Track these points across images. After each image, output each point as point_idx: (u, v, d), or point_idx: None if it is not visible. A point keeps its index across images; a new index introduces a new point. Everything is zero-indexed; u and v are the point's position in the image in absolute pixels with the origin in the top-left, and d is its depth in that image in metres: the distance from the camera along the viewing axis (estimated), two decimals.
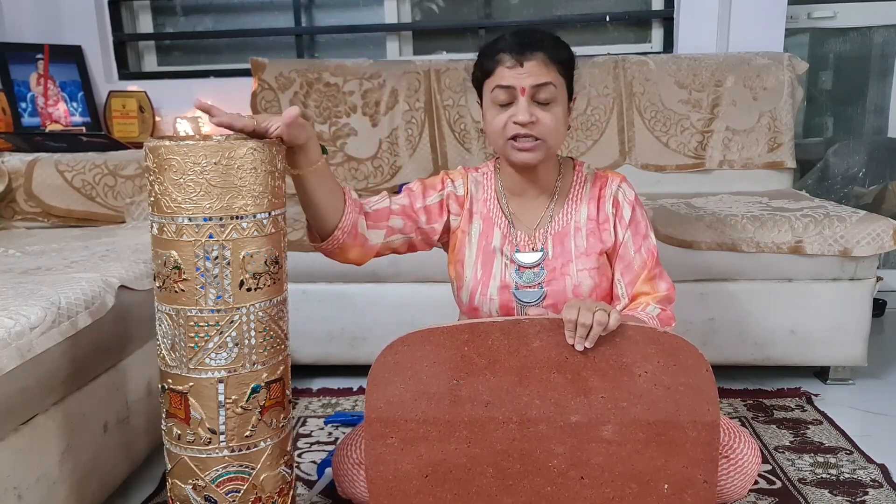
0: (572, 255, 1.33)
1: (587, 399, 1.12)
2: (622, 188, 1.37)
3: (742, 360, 2.11)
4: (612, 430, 1.12)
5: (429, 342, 1.15)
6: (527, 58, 1.24)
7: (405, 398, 1.14)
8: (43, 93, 2.83)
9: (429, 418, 1.14)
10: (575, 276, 1.32)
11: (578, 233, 1.35)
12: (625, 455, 1.12)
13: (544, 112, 1.26)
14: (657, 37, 2.98)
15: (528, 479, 1.12)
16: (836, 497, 1.53)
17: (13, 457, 1.16)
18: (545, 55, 1.25)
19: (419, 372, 1.14)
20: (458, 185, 1.40)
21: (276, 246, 1.07)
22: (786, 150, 2.57)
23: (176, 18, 3.19)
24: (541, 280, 1.33)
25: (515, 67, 1.25)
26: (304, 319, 2.05)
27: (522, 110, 1.24)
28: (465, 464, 1.14)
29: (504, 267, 1.35)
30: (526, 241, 1.36)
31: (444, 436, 1.14)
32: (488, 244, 1.37)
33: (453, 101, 2.63)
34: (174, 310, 1.04)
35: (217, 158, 0.99)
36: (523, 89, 1.24)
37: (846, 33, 3.05)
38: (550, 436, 1.13)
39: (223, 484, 1.07)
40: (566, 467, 1.13)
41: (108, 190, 2.22)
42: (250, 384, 1.06)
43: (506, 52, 1.26)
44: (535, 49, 1.25)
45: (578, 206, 1.37)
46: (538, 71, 1.24)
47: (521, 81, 1.24)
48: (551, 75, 1.25)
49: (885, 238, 1.99)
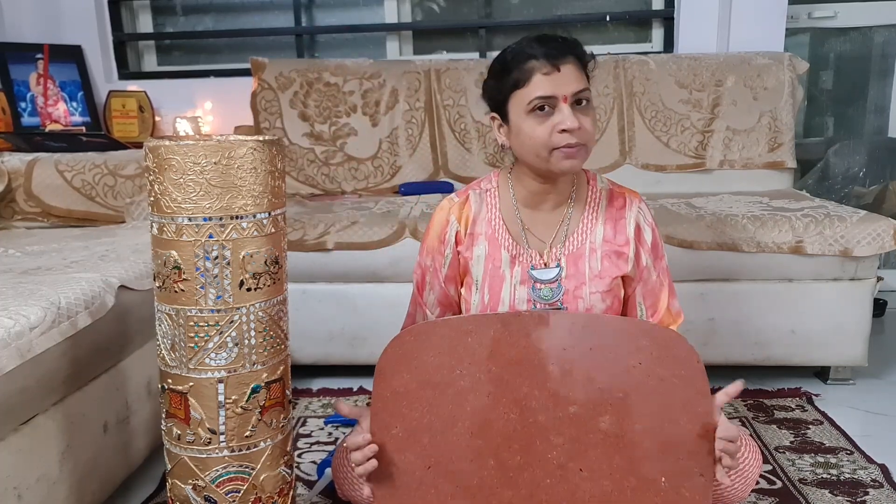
0: (586, 277, 1.30)
1: (584, 390, 1.14)
2: (641, 210, 1.34)
3: (742, 360, 2.11)
4: (610, 421, 1.13)
5: (434, 334, 1.19)
6: (562, 62, 1.20)
7: (410, 388, 1.16)
8: (43, 93, 2.83)
9: (433, 408, 1.15)
10: (587, 299, 1.29)
11: (593, 255, 1.31)
12: (622, 446, 1.13)
13: (585, 116, 1.22)
14: (657, 37, 2.98)
15: (528, 472, 1.12)
16: (836, 497, 1.53)
17: (13, 457, 1.16)
18: (576, 59, 1.23)
19: (424, 362, 1.17)
20: (453, 222, 1.35)
21: (276, 246, 1.07)
22: (786, 150, 2.57)
23: (176, 18, 3.19)
24: (559, 297, 1.30)
25: (552, 74, 1.20)
26: (304, 319, 2.05)
27: (569, 118, 1.19)
28: (467, 455, 1.14)
29: (513, 291, 1.31)
30: (538, 259, 1.32)
31: (447, 426, 1.15)
32: (496, 267, 1.33)
33: (453, 101, 2.63)
34: (174, 310, 1.03)
35: (217, 158, 0.99)
36: (565, 97, 1.20)
37: (846, 33, 3.05)
38: (549, 427, 1.14)
39: (223, 484, 1.07)
40: (565, 459, 1.13)
41: (107, 190, 2.22)
42: (250, 384, 1.06)
43: (538, 59, 1.21)
44: (568, 53, 1.22)
45: (594, 225, 1.33)
46: (576, 75, 1.21)
47: (562, 88, 1.20)
48: (584, 80, 1.23)
49: (885, 238, 1.99)
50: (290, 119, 2.63)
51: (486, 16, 3.01)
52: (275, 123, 2.63)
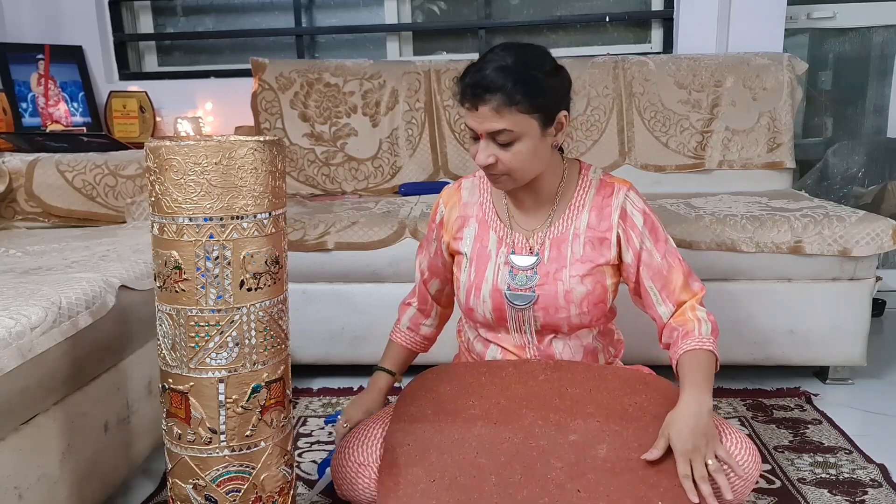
0: (567, 260, 1.33)
1: (584, 422, 1.24)
2: (629, 197, 1.35)
3: (741, 360, 2.11)
4: (607, 450, 1.20)
5: (453, 371, 1.38)
6: (480, 102, 1.22)
7: (426, 413, 1.30)
8: (44, 93, 2.83)
9: (443, 430, 1.25)
10: (567, 282, 1.32)
11: (576, 240, 1.35)
12: (619, 471, 1.16)
13: (504, 152, 1.25)
14: (657, 37, 2.98)
15: (527, 489, 1.15)
16: (835, 497, 1.53)
17: (14, 457, 1.16)
18: (502, 98, 1.21)
19: (441, 394, 1.32)
20: (441, 208, 1.46)
21: (277, 246, 1.08)
22: (785, 151, 2.58)
23: (176, 19, 3.19)
24: (532, 284, 1.33)
25: (471, 112, 1.24)
26: (304, 319, 2.06)
27: (481, 152, 1.26)
28: (470, 472, 1.18)
29: (497, 269, 1.35)
30: (523, 243, 1.36)
31: (455, 446, 1.22)
32: (483, 246, 1.37)
33: (453, 102, 2.62)
34: (175, 310, 1.04)
35: (218, 158, 0.99)
36: (482, 133, 1.25)
37: (846, 33, 3.05)
38: (551, 451, 1.20)
39: (223, 483, 1.07)
40: (564, 480, 1.16)
41: (108, 190, 2.22)
42: (251, 384, 1.06)
43: (465, 93, 1.25)
44: (490, 92, 1.21)
45: (580, 213, 1.36)
46: (492, 116, 1.22)
47: (479, 126, 1.24)
48: (506, 120, 1.22)
49: (884, 238, 2.00)
50: (291, 119, 2.63)
51: (486, 16, 3.01)
52: (275, 124, 2.63)
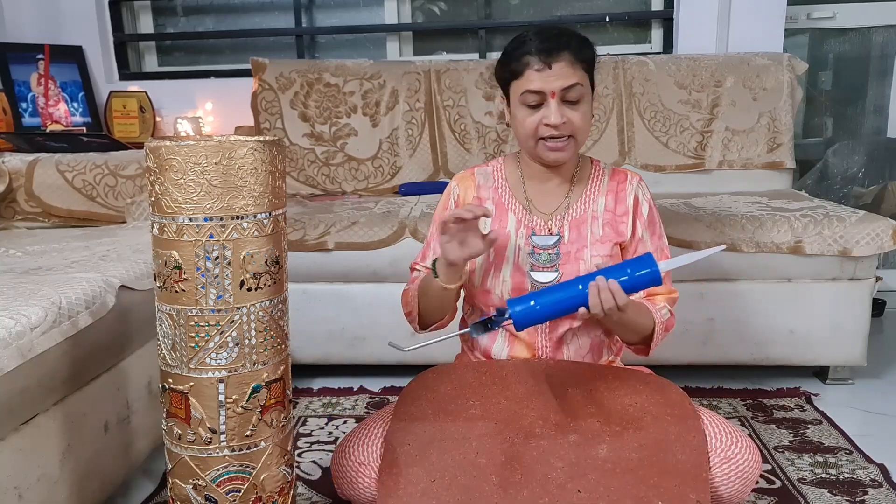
0: (588, 241, 1.37)
1: (585, 422, 1.24)
2: (641, 187, 1.41)
3: (742, 360, 2.11)
4: (607, 450, 1.19)
5: (454, 371, 1.37)
6: (554, 59, 1.26)
7: (427, 413, 1.28)
8: (44, 93, 2.83)
9: (444, 430, 1.24)
10: (588, 262, 1.35)
11: (595, 221, 1.38)
12: (619, 472, 1.16)
13: (573, 111, 1.29)
14: (657, 37, 2.98)
15: (528, 489, 1.15)
16: (835, 497, 1.53)
17: (14, 457, 1.16)
18: (571, 55, 1.27)
19: (442, 394, 1.31)
20: (454, 188, 1.45)
21: (277, 246, 1.08)
22: (785, 151, 2.58)
23: (176, 19, 3.19)
24: (556, 262, 1.36)
25: (544, 70, 1.26)
26: (304, 319, 2.06)
27: (554, 113, 1.27)
28: (470, 472, 1.18)
29: (517, 250, 1.37)
30: (542, 225, 1.38)
31: (456, 445, 1.21)
32: (502, 226, 1.39)
33: (453, 102, 2.64)
34: (175, 310, 1.04)
35: (217, 158, 0.99)
36: (553, 92, 1.27)
37: (845, 33, 3.05)
38: (551, 451, 1.19)
39: (224, 483, 1.07)
40: (564, 480, 1.16)
41: (108, 190, 2.22)
42: (251, 384, 1.06)
43: (532, 54, 1.27)
44: (562, 50, 1.26)
45: (596, 196, 1.40)
46: (566, 72, 1.26)
47: (551, 84, 1.26)
48: (577, 75, 1.28)
49: (884, 238, 2.00)
50: (291, 119, 2.63)
51: (486, 16, 3.01)
52: (275, 124, 2.63)
